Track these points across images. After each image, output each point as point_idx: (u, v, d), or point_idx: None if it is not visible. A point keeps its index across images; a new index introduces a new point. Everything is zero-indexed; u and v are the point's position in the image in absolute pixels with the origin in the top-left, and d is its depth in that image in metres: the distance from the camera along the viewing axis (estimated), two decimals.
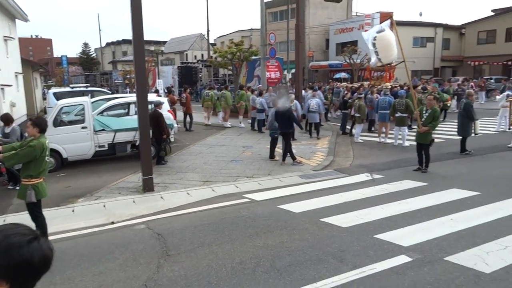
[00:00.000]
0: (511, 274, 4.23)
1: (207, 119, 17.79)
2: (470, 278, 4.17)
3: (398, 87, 16.88)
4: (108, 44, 71.45)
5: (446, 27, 41.29)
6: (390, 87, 17.40)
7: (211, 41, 49.01)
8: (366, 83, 21.93)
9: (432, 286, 4.05)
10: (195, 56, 53.48)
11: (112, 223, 6.25)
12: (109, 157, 10.93)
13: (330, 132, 14.99)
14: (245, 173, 9.27)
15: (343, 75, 34.98)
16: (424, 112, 9.16)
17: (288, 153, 10.06)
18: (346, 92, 16.27)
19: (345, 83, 24.15)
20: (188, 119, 16.51)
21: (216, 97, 17.58)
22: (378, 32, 9.14)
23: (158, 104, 10.69)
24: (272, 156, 10.61)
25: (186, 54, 55.55)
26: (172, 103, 15.63)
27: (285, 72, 24.09)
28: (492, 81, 29.26)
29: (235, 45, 22.45)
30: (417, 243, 5.07)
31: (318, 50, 43.16)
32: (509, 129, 12.48)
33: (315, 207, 6.63)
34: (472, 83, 24.38)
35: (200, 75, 41.39)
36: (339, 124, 15.62)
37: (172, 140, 11.97)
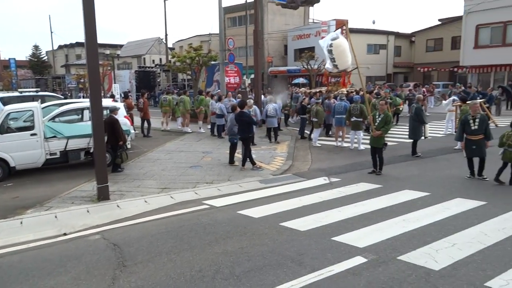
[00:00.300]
0: (458, 270, 4.46)
1: (165, 124, 17.51)
2: (421, 276, 4.36)
3: (354, 93, 17.43)
4: (60, 47, 68.45)
5: (397, 35, 43.24)
6: (346, 92, 17.95)
7: (170, 45, 48.37)
8: (324, 89, 22.46)
9: (386, 285, 4.20)
10: (153, 61, 52.52)
11: (64, 234, 5.98)
12: (62, 165, 10.46)
13: (289, 136, 15.20)
14: (205, 179, 9.19)
15: (301, 80, 35.61)
16: (377, 116, 9.52)
17: (248, 158, 10.09)
18: (304, 97, 16.58)
19: (304, 89, 24.60)
20: (145, 124, 16.16)
21: (175, 102, 17.35)
22: (333, 39, 9.45)
23: (114, 110, 10.38)
24: (231, 161, 10.59)
25: (144, 58, 54.37)
26: (129, 108, 15.25)
27: (244, 77, 24.20)
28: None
29: (194, 50, 22.31)
30: (372, 243, 5.23)
31: (277, 55, 43.75)
32: (455, 132, 13.21)
33: (274, 212, 6.68)
34: (424, 89, 25.57)
35: (158, 80, 40.67)
36: (298, 129, 15.87)
37: (128, 146, 11.66)
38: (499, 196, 7.25)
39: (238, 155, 10.86)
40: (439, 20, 41.51)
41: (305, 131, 15.03)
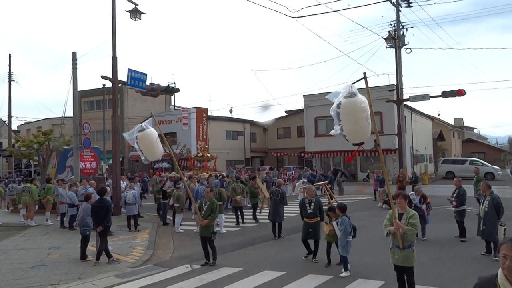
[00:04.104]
0: None
1: None
2: None
3: (214, 177, 18.07)
4: None
5: (252, 123, 47.57)
6: (207, 176, 18.51)
7: (15, 127, 43.55)
8: (189, 173, 22.85)
9: None
10: None
11: None
12: None
13: (151, 223, 14.60)
14: (49, 280, 8.00)
15: (164, 165, 35.41)
16: (203, 204, 9.04)
17: (104, 251, 9.25)
18: (164, 182, 16.48)
19: (172, 174, 24.46)
20: None
21: (15, 192, 15.25)
22: (140, 131, 8.96)
23: None
24: (83, 256, 9.54)
25: None
26: None
27: (102, 162, 22.99)
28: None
29: (43, 133, 20.55)
30: None
31: None
32: None
33: None
34: (294, 171, 27.57)
35: None
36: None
37: None
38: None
39: (92, 248, 9.88)
40: (286, 111, 47.47)
41: (168, 216, 14.69)
